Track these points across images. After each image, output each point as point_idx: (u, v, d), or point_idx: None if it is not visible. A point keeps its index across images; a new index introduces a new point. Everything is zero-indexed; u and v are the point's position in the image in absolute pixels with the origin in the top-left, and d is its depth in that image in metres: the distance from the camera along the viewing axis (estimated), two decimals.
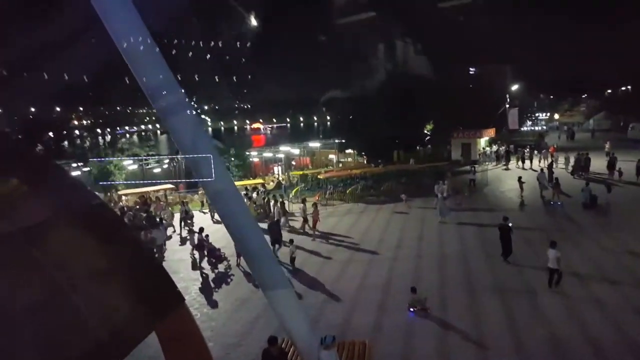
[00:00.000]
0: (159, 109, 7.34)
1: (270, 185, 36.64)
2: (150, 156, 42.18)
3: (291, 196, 30.33)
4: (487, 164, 39.61)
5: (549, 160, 34.26)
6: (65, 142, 58.60)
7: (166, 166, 42.56)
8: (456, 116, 43.42)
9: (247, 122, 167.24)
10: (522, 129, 62.90)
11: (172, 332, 5.30)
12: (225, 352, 11.64)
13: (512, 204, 25.75)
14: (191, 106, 7.91)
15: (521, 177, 27.16)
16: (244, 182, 34.10)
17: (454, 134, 43.87)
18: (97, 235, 4.65)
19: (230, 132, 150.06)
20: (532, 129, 69.35)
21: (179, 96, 7.34)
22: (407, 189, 29.56)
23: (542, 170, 28.70)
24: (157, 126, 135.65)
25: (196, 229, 20.32)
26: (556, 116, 77.47)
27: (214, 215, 25.21)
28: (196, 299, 15.34)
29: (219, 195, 7.87)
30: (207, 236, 19.33)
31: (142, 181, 37.42)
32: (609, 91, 79.61)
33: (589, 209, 23.00)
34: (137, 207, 26.54)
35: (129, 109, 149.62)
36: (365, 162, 43.03)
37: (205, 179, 7.57)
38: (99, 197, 6.11)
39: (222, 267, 18.44)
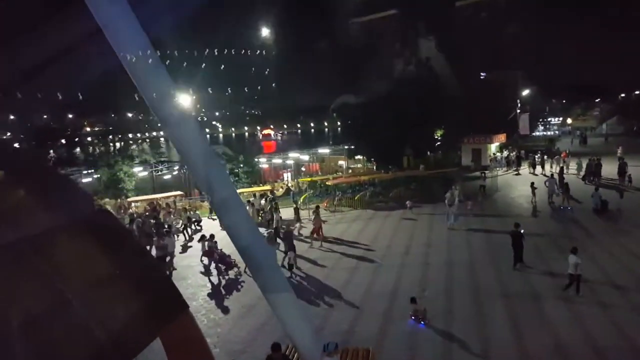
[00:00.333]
0: (160, 118, 7.40)
1: (279, 191, 36.70)
2: (160, 162, 42.48)
3: (300, 203, 30.31)
4: (497, 169, 39.32)
5: (561, 165, 33.90)
6: (77, 149, 59.16)
7: (176, 172, 42.86)
8: (466, 121, 43.17)
9: (258, 128, 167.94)
10: (534, 134, 62.35)
11: (177, 339, 5.33)
12: (230, 358, 11.65)
13: (523, 210, 25.52)
14: (193, 115, 7.97)
15: (533, 183, 26.92)
16: (253, 188, 34.19)
17: (465, 140, 43.62)
18: (100, 243, 4.68)
19: (241, 138, 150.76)
20: (544, 134, 68.74)
21: (180, 107, 7.40)
22: (415, 195, 29.42)
23: (552, 175, 28.37)
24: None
25: (200, 235, 20.40)
26: (569, 120, 76.67)
27: None
28: (203, 305, 15.38)
29: (221, 203, 7.90)
30: (215, 242, 19.39)
31: (153, 188, 37.78)
32: (622, 95, 78.75)
33: (600, 215, 22.72)
34: (147, 213, 26.73)
35: (141, 116, 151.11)
36: (374, 168, 42.93)
37: (207, 188, 7.62)
38: (103, 205, 6.16)
39: (232, 274, 18.44)
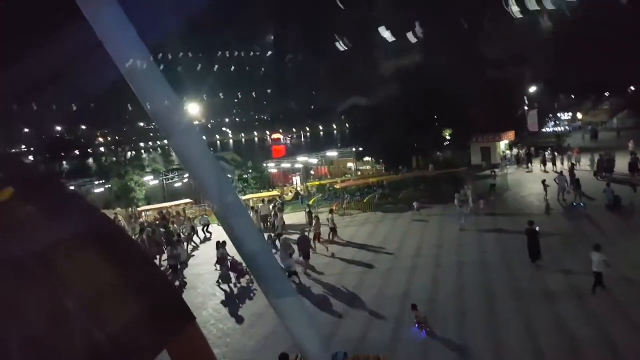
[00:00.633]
0: (162, 129, 7.43)
1: (288, 196, 36.70)
2: (170, 171, 42.73)
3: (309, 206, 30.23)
4: (507, 167, 38.97)
5: (572, 162, 33.45)
6: (90, 160, 59.70)
7: (186, 181, 42.95)
8: (475, 120, 42.86)
9: (268, 133, 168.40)
10: (543, 130, 61.69)
11: (183, 351, 5.35)
12: None
13: (534, 208, 25.22)
14: (195, 125, 8.01)
15: (545, 181, 26.66)
16: (261, 194, 34.20)
17: (474, 139, 43.31)
18: (106, 255, 4.70)
19: (251, 143, 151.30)
20: (554, 130, 67.96)
21: (182, 116, 7.43)
22: (425, 196, 29.24)
23: (561, 173, 27.98)
24: None
25: (216, 242, 20.38)
26: (579, 116, 75.76)
27: None
28: (213, 315, 15.38)
29: (224, 212, 7.92)
30: (226, 249, 19.39)
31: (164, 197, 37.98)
32: (632, 89, 77.63)
33: (613, 211, 22.38)
34: (157, 222, 26.87)
35: (152, 125, 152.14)
36: (383, 170, 42.79)
37: (211, 197, 7.64)
38: (109, 217, 6.20)
39: (244, 282, 18.37)
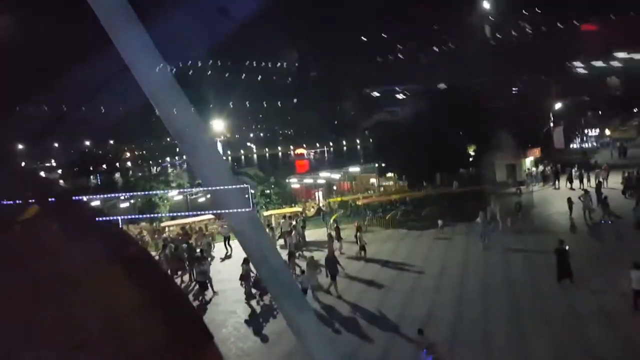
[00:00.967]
0: (183, 149, 7.63)
1: (310, 211, 36.67)
2: (194, 186, 43.24)
3: (331, 223, 30.14)
4: (533, 184, 38.30)
5: (599, 179, 32.62)
6: (117, 175, 60.95)
7: (210, 196, 42.95)
8: (500, 137, 42.38)
9: (291, 147, 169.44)
10: (571, 146, 60.57)
11: None
12: None
13: (560, 226, 24.70)
14: (215, 144, 8.17)
15: (570, 198, 26.13)
16: (283, 210, 34.28)
17: (498, 155, 42.74)
18: (128, 275, 4.79)
19: (274, 158, 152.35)
20: (582, 146, 66.68)
21: (203, 135, 7.60)
22: (448, 213, 28.85)
23: (586, 191, 27.27)
24: None
25: (244, 258, 20.35)
26: (607, 132, 74.26)
27: None
28: (232, 333, 15.38)
29: (242, 229, 8.02)
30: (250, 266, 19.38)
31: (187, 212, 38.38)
32: None
33: None
34: (179, 238, 27.14)
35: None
36: (406, 186, 42.47)
37: (229, 215, 7.76)
38: (130, 235, 6.35)
39: (267, 299, 18.14)
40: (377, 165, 46.07)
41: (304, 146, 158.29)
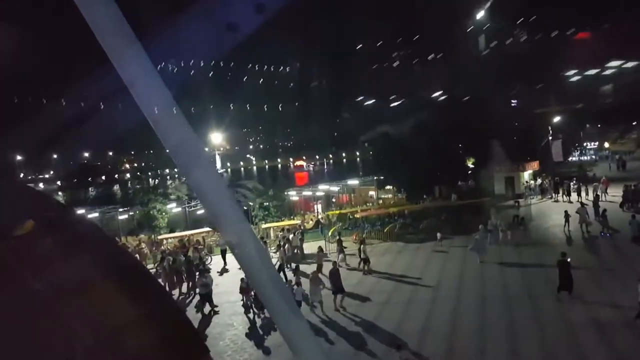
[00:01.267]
0: (180, 167, 7.72)
1: (309, 224, 36.69)
2: (193, 198, 43.33)
3: (329, 236, 30.17)
4: (532, 197, 38.40)
5: (597, 192, 32.76)
6: (115, 186, 61.17)
7: (204, 210, 42.78)
8: (499, 149, 42.55)
9: (291, 159, 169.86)
10: (569, 159, 60.76)
11: None
12: None
13: (557, 239, 24.75)
14: (211, 162, 8.29)
15: (567, 211, 26.24)
16: (281, 223, 34.32)
17: (497, 168, 42.89)
18: (121, 288, 4.88)
19: (274, 170, 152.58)
20: (581, 159, 66.93)
21: (199, 153, 7.71)
22: (447, 226, 28.91)
23: (582, 204, 27.39)
24: None
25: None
26: (606, 145, 74.55)
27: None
28: (229, 346, 15.35)
29: (238, 247, 8.10)
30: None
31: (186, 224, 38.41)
32: None
33: (639, 243, 21.80)
34: (177, 251, 27.14)
35: None
36: (405, 199, 42.51)
37: (224, 230, 7.84)
38: (125, 249, 6.39)
39: (266, 312, 18.13)
40: (375, 177, 46.16)
41: (304, 158, 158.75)
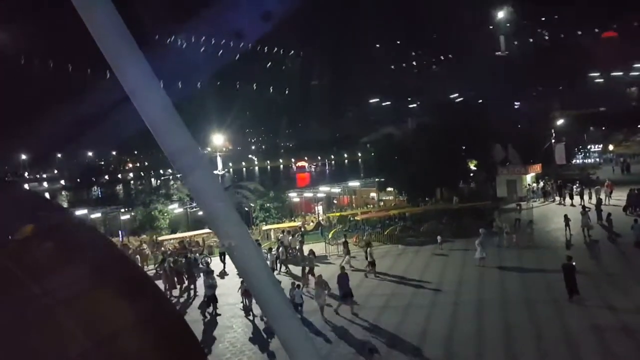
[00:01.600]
0: (178, 169, 7.72)
1: (310, 225, 36.67)
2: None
3: (329, 238, 30.12)
4: (534, 200, 38.27)
5: (600, 196, 32.57)
6: (118, 187, 61.27)
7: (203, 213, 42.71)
8: (501, 152, 42.47)
9: (293, 160, 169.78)
10: (573, 162, 60.59)
11: None
12: None
13: (559, 243, 24.64)
14: (209, 166, 8.29)
15: (567, 215, 26.12)
16: (282, 224, 34.32)
17: (499, 171, 42.80)
18: (122, 294, 4.87)
19: (276, 170, 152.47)
20: (584, 162, 66.69)
21: (198, 158, 7.70)
22: (447, 229, 28.82)
23: (584, 207, 27.24)
24: None
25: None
26: (610, 147, 74.28)
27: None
28: (228, 348, 15.33)
29: (235, 250, 8.09)
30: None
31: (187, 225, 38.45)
32: None
33: None
34: (177, 252, 27.17)
35: None
36: (405, 201, 42.46)
37: (221, 234, 7.84)
38: (124, 252, 6.40)
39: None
40: (377, 179, 46.13)
41: (306, 159, 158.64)
